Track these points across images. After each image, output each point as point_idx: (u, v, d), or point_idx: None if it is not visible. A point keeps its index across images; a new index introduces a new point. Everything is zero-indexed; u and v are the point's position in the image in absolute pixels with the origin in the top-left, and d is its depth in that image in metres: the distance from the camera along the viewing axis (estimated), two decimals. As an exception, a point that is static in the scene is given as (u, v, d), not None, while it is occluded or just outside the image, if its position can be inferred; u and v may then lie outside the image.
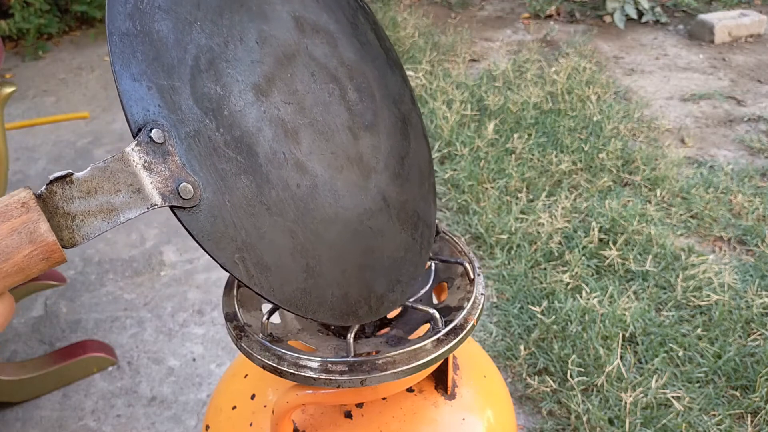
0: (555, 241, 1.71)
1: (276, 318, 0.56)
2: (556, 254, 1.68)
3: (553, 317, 1.45)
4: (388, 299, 0.51)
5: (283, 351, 0.50)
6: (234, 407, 0.63)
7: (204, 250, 0.37)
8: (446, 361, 0.59)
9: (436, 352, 0.50)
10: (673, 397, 1.26)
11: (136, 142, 0.36)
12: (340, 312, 0.46)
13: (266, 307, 0.54)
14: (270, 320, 0.53)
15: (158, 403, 1.37)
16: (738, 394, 1.29)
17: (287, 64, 0.48)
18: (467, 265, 0.59)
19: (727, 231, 1.78)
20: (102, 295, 1.70)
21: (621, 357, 1.36)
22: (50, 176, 0.35)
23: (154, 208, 0.36)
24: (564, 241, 1.73)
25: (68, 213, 0.35)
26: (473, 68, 2.92)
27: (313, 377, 0.48)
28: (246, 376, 0.66)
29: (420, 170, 0.59)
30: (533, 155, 2.11)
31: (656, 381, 1.29)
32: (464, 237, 1.82)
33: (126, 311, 1.64)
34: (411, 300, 0.56)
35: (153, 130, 0.36)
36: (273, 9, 0.48)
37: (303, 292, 0.43)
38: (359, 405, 0.59)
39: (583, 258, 1.65)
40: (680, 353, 1.37)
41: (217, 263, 0.38)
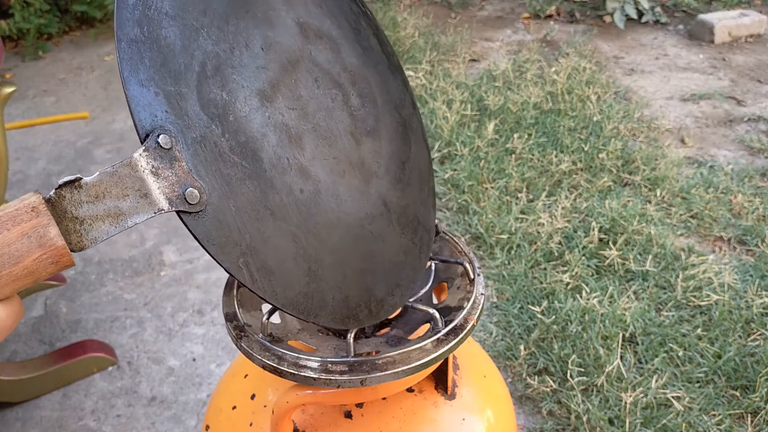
0: (555, 241, 1.71)
1: (276, 318, 0.56)
2: (556, 254, 1.68)
3: (553, 317, 1.45)
4: (388, 303, 0.51)
5: (283, 351, 0.50)
6: (234, 407, 0.63)
7: (209, 255, 0.38)
8: (446, 361, 0.59)
9: (436, 352, 0.51)
10: (673, 397, 1.26)
11: (144, 148, 0.36)
12: (341, 316, 0.46)
13: (266, 307, 0.54)
14: (270, 320, 0.53)
15: (158, 403, 1.37)
16: (738, 394, 1.29)
17: (291, 70, 0.48)
18: (467, 265, 0.59)
19: (727, 231, 1.78)
20: (102, 295, 1.70)
21: (621, 357, 1.36)
22: (59, 181, 0.35)
23: (161, 213, 0.36)
24: (564, 241, 1.73)
25: (76, 217, 0.35)
26: (473, 68, 2.92)
27: (313, 377, 0.48)
28: (246, 376, 0.66)
29: (420, 174, 0.60)
30: (533, 155, 2.11)
31: (656, 381, 1.29)
32: (464, 237, 1.82)
33: (126, 311, 1.64)
34: (411, 300, 0.56)
35: (160, 136, 0.36)
36: (278, 15, 0.48)
37: (305, 296, 0.43)
38: (359, 405, 0.59)
39: (583, 258, 1.65)
40: (680, 353, 1.37)
41: (222, 267, 0.38)
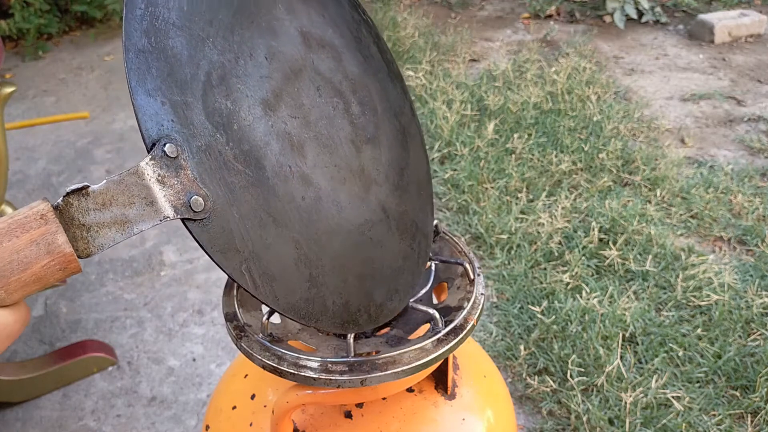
0: (555, 241, 1.71)
1: (276, 318, 0.56)
2: (556, 254, 1.68)
3: (553, 317, 1.45)
4: (387, 307, 0.52)
5: (283, 351, 0.51)
6: (234, 407, 0.63)
7: (213, 261, 0.38)
8: (446, 361, 0.59)
9: (436, 352, 0.51)
10: (673, 397, 1.26)
11: (151, 157, 0.37)
12: (341, 320, 0.47)
13: (266, 308, 0.54)
14: (270, 320, 0.53)
15: (158, 403, 1.37)
16: (738, 394, 1.29)
17: (294, 79, 0.49)
18: (467, 266, 0.59)
19: (727, 231, 1.78)
20: (102, 295, 1.70)
21: (621, 357, 1.36)
22: (67, 188, 0.35)
23: (167, 221, 0.37)
24: (564, 241, 1.73)
25: (84, 224, 0.36)
26: (473, 68, 2.92)
27: (313, 377, 0.48)
28: (246, 376, 0.66)
29: (418, 181, 0.61)
30: (533, 155, 2.11)
31: (656, 381, 1.29)
32: (464, 237, 1.82)
33: (126, 311, 1.64)
34: (411, 300, 0.56)
35: (167, 145, 0.37)
36: (281, 25, 0.49)
37: (306, 301, 0.44)
38: (359, 405, 0.59)
39: (583, 258, 1.65)
40: (680, 353, 1.37)
41: (225, 273, 0.39)
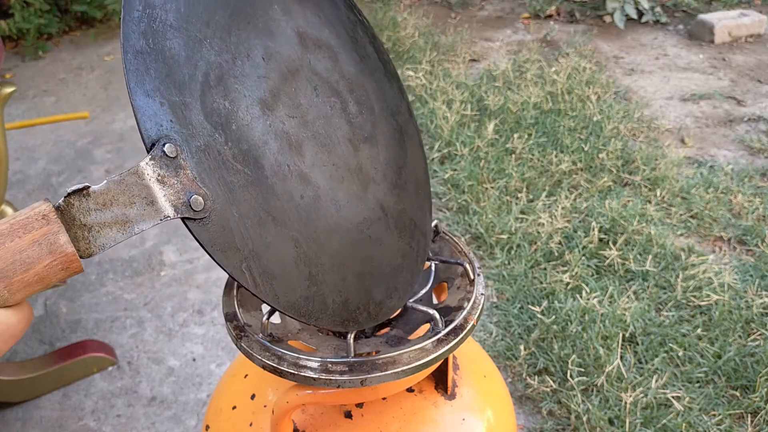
0: (555, 241, 1.71)
1: (276, 318, 0.57)
2: (556, 254, 1.68)
3: (553, 317, 1.45)
4: (387, 305, 0.52)
5: (283, 351, 0.51)
6: (234, 407, 0.63)
7: (213, 260, 0.39)
8: (446, 361, 0.59)
9: (436, 352, 0.51)
10: (673, 397, 1.26)
11: (150, 157, 0.37)
12: (341, 318, 0.47)
13: (266, 307, 0.54)
14: (270, 320, 0.53)
15: (158, 403, 1.37)
16: (738, 394, 1.29)
17: (291, 79, 0.49)
18: (467, 266, 0.59)
19: (727, 231, 1.78)
20: (102, 295, 1.70)
21: (621, 357, 1.36)
22: (68, 189, 0.36)
23: (167, 220, 0.37)
24: (564, 241, 1.73)
25: (85, 224, 0.36)
26: (473, 68, 2.92)
27: (313, 377, 0.48)
28: (246, 376, 0.66)
29: (416, 180, 0.61)
30: (533, 155, 2.11)
31: (656, 381, 1.29)
32: (464, 237, 1.82)
33: (126, 311, 1.64)
34: (411, 300, 0.56)
35: (166, 145, 0.37)
36: (278, 26, 0.50)
37: (306, 300, 0.44)
38: (359, 405, 0.59)
39: (583, 258, 1.65)
40: (680, 353, 1.37)
41: (225, 272, 0.39)
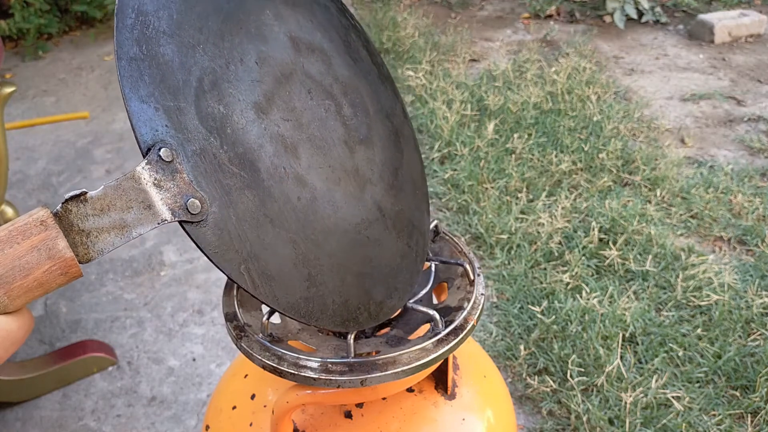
0: (555, 241, 1.71)
1: (276, 318, 0.57)
2: (556, 254, 1.68)
3: (553, 317, 1.45)
4: (387, 305, 0.52)
5: (283, 351, 0.51)
6: (234, 407, 0.63)
7: (211, 262, 0.39)
8: (446, 361, 0.59)
9: (436, 353, 0.51)
10: (673, 397, 1.26)
11: (147, 161, 0.37)
12: (341, 318, 0.47)
13: (266, 308, 0.54)
14: (270, 320, 0.53)
15: (158, 403, 1.37)
16: (738, 394, 1.29)
17: (285, 83, 0.50)
18: (467, 266, 0.59)
19: (727, 231, 1.78)
20: (102, 295, 1.70)
21: (621, 357, 1.36)
22: (65, 195, 0.36)
23: (165, 223, 0.37)
24: (564, 241, 1.73)
25: (83, 230, 0.36)
26: (473, 68, 2.92)
27: (313, 377, 0.48)
28: (246, 376, 0.66)
29: (413, 180, 0.61)
30: (533, 155, 2.11)
31: (656, 381, 1.29)
32: (464, 237, 1.82)
33: (126, 311, 1.64)
34: (411, 301, 0.57)
35: (162, 149, 0.37)
36: (270, 30, 0.50)
37: (305, 300, 0.44)
38: (359, 405, 0.59)
39: (583, 258, 1.65)
40: (680, 353, 1.37)
41: (224, 274, 0.39)
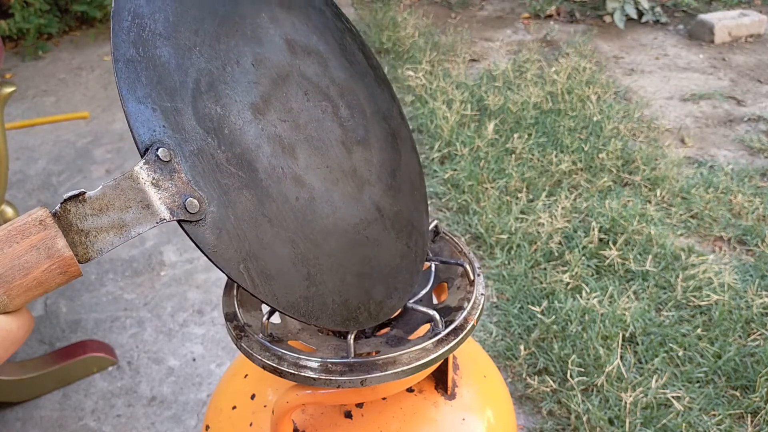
0: (555, 241, 1.71)
1: (276, 318, 0.57)
2: (556, 254, 1.68)
3: (553, 317, 1.45)
4: (387, 305, 0.52)
5: (283, 351, 0.51)
6: (234, 407, 0.63)
7: (211, 261, 0.39)
8: (446, 361, 0.59)
9: (436, 353, 0.51)
10: (673, 397, 1.26)
11: (144, 161, 0.37)
12: (341, 318, 0.47)
13: (266, 308, 0.54)
14: (270, 320, 0.53)
15: (158, 403, 1.37)
16: (738, 394, 1.29)
17: (282, 84, 0.50)
18: (467, 266, 0.59)
19: (727, 231, 1.78)
20: (102, 295, 1.70)
21: (621, 357, 1.36)
22: (64, 195, 0.36)
23: (163, 223, 0.38)
24: (564, 241, 1.73)
25: (82, 230, 0.37)
26: (473, 68, 2.92)
27: (313, 377, 0.48)
28: (246, 376, 0.66)
29: (411, 181, 0.62)
30: (533, 155, 2.11)
31: (656, 381, 1.29)
32: (464, 237, 1.82)
33: (126, 311, 1.64)
34: (412, 301, 0.57)
35: (159, 149, 0.38)
36: (266, 33, 0.51)
37: (305, 300, 0.44)
38: (359, 405, 0.59)
39: (583, 258, 1.65)
40: (680, 353, 1.37)
41: (224, 273, 0.39)
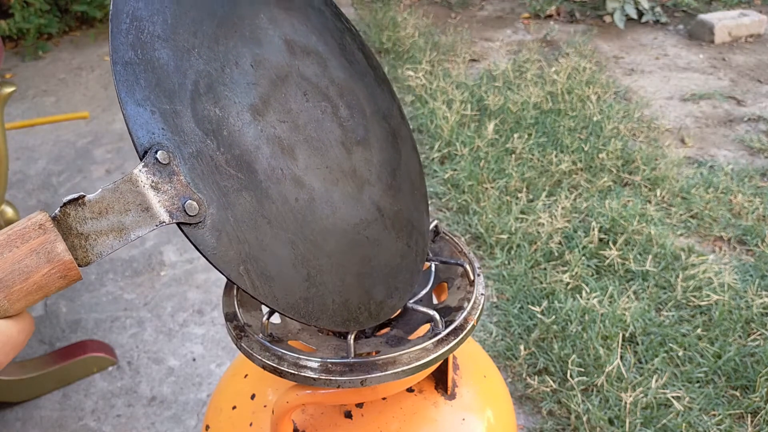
0: (555, 241, 1.71)
1: (276, 318, 0.57)
2: (556, 254, 1.68)
3: (553, 317, 1.45)
4: (387, 305, 0.52)
5: (283, 351, 0.51)
6: (234, 407, 0.63)
7: (210, 263, 0.39)
8: (446, 361, 0.59)
9: (437, 353, 0.51)
10: (673, 397, 1.26)
11: (143, 164, 0.37)
12: (342, 318, 0.47)
13: (266, 308, 0.54)
14: (270, 320, 0.53)
15: (158, 403, 1.37)
16: (738, 394, 1.29)
17: (281, 85, 0.50)
18: (467, 266, 0.59)
19: (727, 231, 1.78)
20: (102, 295, 1.70)
21: (621, 357, 1.36)
22: (63, 199, 0.36)
23: (163, 225, 0.37)
24: (564, 241, 1.73)
25: (82, 233, 0.36)
26: (473, 68, 2.92)
27: (313, 377, 0.48)
28: (246, 376, 0.66)
29: (411, 181, 0.61)
30: (533, 155, 2.11)
31: (656, 381, 1.29)
32: (464, 237, 1.82)
33: (126, 311, 1.64)
34: (412, 301, 0.57)
35: (158, 152, 0.38)
36: (265, 34, 0.50)
37: (305, 300, 0.44)
38: (359, 405, 0.59)
39: (583, 258, 1.65)
40: (680, 353, 1.37)
41: (223, 275, 0.39)
